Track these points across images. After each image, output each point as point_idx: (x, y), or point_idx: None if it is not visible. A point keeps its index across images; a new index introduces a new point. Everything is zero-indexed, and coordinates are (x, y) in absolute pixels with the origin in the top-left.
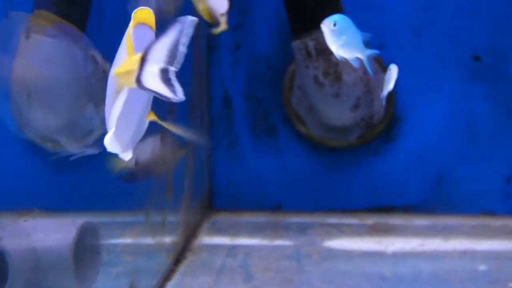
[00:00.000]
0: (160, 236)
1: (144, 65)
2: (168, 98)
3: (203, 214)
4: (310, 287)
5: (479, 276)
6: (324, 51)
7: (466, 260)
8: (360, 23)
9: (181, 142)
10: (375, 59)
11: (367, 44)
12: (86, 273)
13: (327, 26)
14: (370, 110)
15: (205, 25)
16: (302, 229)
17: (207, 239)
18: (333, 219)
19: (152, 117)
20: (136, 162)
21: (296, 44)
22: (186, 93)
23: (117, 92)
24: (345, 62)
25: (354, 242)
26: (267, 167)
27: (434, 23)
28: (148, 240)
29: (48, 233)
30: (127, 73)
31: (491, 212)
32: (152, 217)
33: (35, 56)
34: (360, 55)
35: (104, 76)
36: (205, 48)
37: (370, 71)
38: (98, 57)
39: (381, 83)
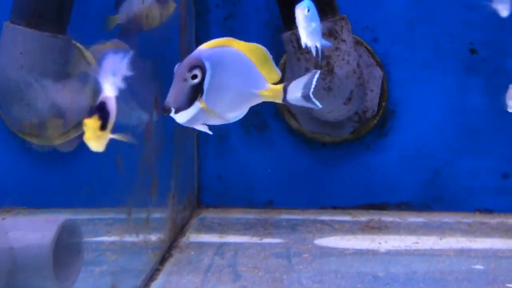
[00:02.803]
0: (144, 234)
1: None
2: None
3: (191, 210)
4: (300, 286)
5: (475, 276)
6: None
7: (462, 259)
8: (354, 16)
9: None
10: (369, 53)
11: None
12: (66, 273)
13: (302, 11)
14: (364, 104)
15: (193, 17)
16: (293, 227)
17: (194, 236)
18: (325, 216)
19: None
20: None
21: (287, 35)
22: None
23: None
24: (337, 54)
25: (346, 240)
26: (257, 163)
27: (429, 16)
28: (133, 238)
29: (27, 231)
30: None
31: (488, 209)
32: (135, 214)
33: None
34: (318, 44)
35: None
36: (194, 40)
37: (320, 59)
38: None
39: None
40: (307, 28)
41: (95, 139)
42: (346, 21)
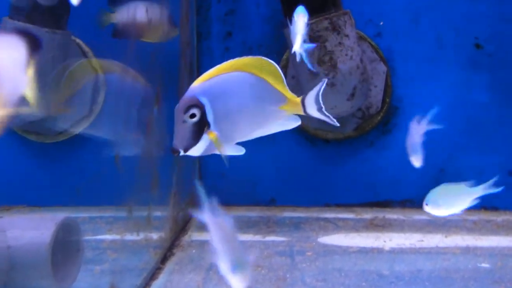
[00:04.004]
0: (146, 232)
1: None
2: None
3: (193, 209)
4: (303, 285)
5: (481, 274)
6: (318, 38)
7: (468, 257)
8: (357, 10)
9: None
10: (373, 48)
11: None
12: (66, 272)
13: (303, 19)
14: (367, 100)
15: (194, 12)
16: (296, 225)
17: (197, 235)
18: (329, 214)
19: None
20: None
21: (289, 31)
22: (174, 78)
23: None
24: (340, 49)
25: (350, 238)
26: (260, 160)
27: (434, 9)
28: (134, 237)
29: (26, 230)
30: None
31: (494, 206)
32: (136, 212)
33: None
34: (303, 50)
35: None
36: (195, 36)
37: (309, 65)
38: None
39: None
40: (304, 35)
41: None
42: (349, 16)
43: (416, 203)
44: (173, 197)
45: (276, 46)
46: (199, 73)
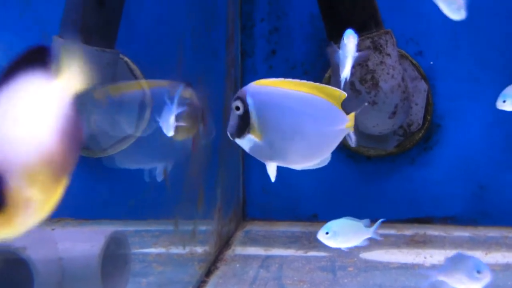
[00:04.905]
0: (191, 246)
1: None
2: None
3: (236, 223)
4: None
5: None
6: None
7: (508, 274)
8: (398, 29)
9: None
10: (414, 66)
11: None
12: (114, 284)
13: (354, 40)
14: (408, 117)
15: (239, 30)
16: None
17: (240, 249)
18: None
19: None
20: None
21: (336, 53)
22: (220, 99)
23: None
24: (382, 68)
25: (391, 254)
26: (302, 176)
27: (474, 28)
28: (179, 250)
29: (76, 242)
30: None
31: None
32: (182, 227)
33: None
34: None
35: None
36: (239, 54)
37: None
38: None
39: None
40: (354, 59)
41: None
42: (390, 35)
43: (457, 220)
44: (217, 211)
45: (319, 64)
46: None
